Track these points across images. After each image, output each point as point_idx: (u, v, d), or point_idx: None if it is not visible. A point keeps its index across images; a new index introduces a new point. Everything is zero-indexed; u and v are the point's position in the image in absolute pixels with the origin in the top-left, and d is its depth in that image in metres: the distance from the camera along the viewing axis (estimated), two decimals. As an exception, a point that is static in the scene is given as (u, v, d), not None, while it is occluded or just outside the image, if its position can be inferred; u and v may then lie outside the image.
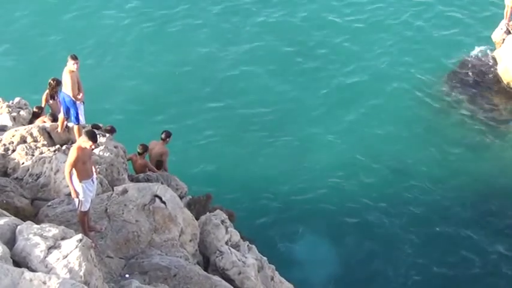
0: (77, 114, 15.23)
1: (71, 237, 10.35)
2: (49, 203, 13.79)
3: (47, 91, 18.00)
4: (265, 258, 15.85)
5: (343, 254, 21.81)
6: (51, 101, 18.04)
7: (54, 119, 17.07)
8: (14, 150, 15.76)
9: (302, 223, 22.78)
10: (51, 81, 17.61)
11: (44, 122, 17.15)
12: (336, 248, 22.01)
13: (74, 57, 14.82)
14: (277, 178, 24.48)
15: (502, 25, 28.52)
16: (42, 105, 18.29)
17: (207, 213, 16.03)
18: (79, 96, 15.00)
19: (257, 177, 24.48)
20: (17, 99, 19.27)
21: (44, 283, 9.13)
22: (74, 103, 15.12)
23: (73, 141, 15.86)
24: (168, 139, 18.73)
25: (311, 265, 21.16)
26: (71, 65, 14.81)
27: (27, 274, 9.23)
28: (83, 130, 14.38)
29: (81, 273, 9.64)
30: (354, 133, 26.51)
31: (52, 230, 10.36)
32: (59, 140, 16.35)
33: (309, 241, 22.29)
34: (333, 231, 22.58)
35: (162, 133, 18.78)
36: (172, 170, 19.17)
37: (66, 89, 15.04)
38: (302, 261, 21.28)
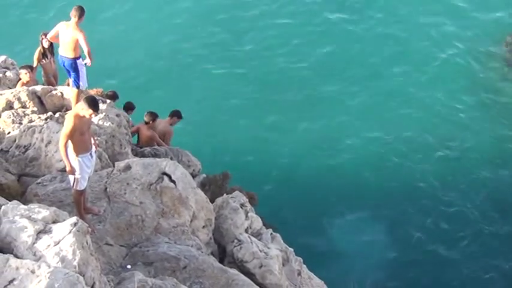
0: (78, 77, 15.05)
1: (63, 220, 10.27)
2: (39, 180, 13.72)
3: (39, 48, 17.89)
4: (291, 249, 15.81)
5: (384, 245, 21.78)
6: (43, 61, 17.95)
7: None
8: (-2, 118, 15.77)
9: (335, 209, 22.76)
10: (43, 36, 17.44)
11: (24, 83, 17.08)
12: (375, 238, 21.97)
13: (82, 11, 14.39)
14: (306, 155, 24.43)
15: None
16: (34, 65, 18.18)
17: (224, 195, 15.96)
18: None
19: (283, 154, 24.45)
20: (2, 58, 19.24)
21: (33, 272, 9.10)
22: (76, 66, 14.91)
23: (67, 108, 15.81)
24: (175, 119, 18.66)
25: (345, 258, 21.17)
26: (78, 21, 14.35)
27: (13, 261, 9.22)
28: (83, 96, 14.25)
29: (75, 263, 9.57)
30: (397, 106, 26.39)
31: (42, 212, 10.28)
32: (52, 107, 16.32)
33: (343, 229, 22.28)
34: (372, 218, 22.57)
35: (171, 111, 18.66)
36: (184, 143, 19.15)
37: (68, 50, 14.66)
38: (335, 254, 21.30)
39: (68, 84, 16.48)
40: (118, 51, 27.75)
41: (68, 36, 14.52)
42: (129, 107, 18.29)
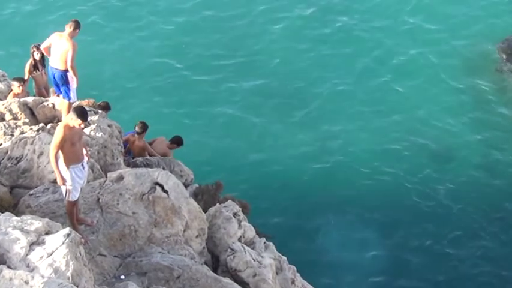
0: (69, 89, 15.09)
1: (56, 231, 10.28)
2: (31, 192, 13.70)
3: (31, 60, 17.88)
4: (284, 257, 15.78)
5: (378, 253, 21.78)
6: (35, 73, 17.93)
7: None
8: (-10, 130, 15.72)
9: (328, 217, 22.72)
10: (34, 48, 17.47)
11: (15, 94, 17.07)
12: (369, 246, 21.97)
13: (77, 24, 14.47)
14: (299, 164, 24.39)
15: None
16: (26, 77, 18.15)
17: (217, 204, 15.93)
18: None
19: (275, 163, 24.40)
20: (-7, 70, 19.25)
21: (26, 283, 9.11)
22: (66, 79, 14.93)
23: (59, 119, 15.81)
24: (175, 146, 18.60)
25: (339, 266, 21.14)
26: (72, 33, 14.45)
27: (7, 272, 9.22)
28: (72, 107, 14.28)
29: (69, 274, 9.58)
30: (390, 112, 26.43)
31: (34, 223, 10.29)
32: (43, 118, 16.31)
33: (337, 238, 22.25)
34: (365, 226, 22.53)
35: (174, 137, 18.71)
36: (176, 153, 19.16)
37: (59, 61, 14.71)
38: (328, 262, 21.26)
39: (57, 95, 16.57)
40: (110, 63, 27.77)
41: (60, 47, 14.53)
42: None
